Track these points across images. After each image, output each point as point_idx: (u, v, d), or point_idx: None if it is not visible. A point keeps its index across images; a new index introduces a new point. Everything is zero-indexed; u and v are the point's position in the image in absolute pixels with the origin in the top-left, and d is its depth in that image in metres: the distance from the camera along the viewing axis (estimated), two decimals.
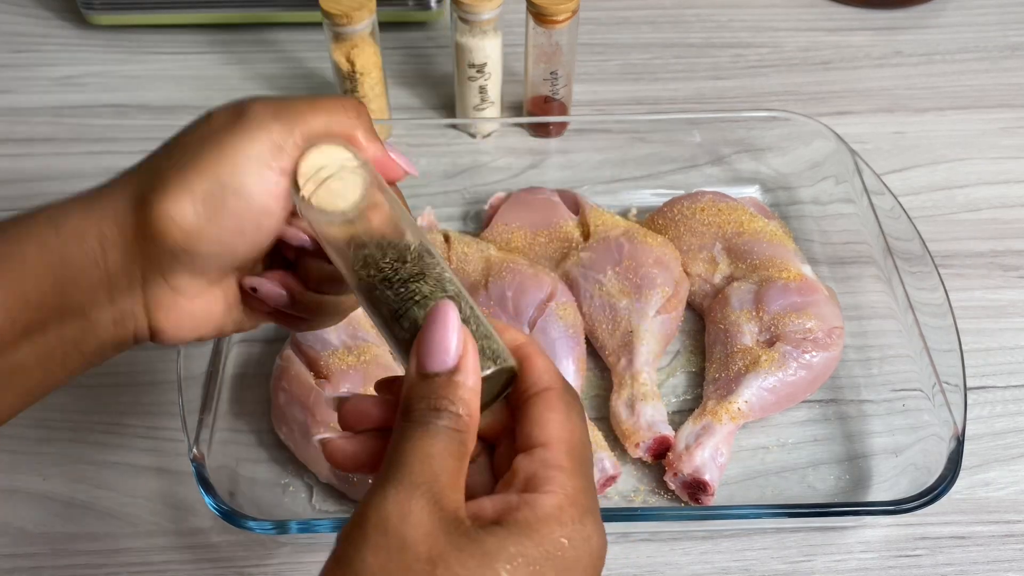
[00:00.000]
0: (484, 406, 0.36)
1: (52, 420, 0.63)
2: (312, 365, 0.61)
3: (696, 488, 0.57)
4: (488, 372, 0.35)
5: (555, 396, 0.36)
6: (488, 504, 0.33)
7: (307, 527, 0.52)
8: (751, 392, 0.59)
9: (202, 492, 0.52)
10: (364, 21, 0.72)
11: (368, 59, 0.74)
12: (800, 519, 0.56)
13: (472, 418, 0.34)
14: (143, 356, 0.66)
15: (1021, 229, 0.74)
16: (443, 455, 0.33)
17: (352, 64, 0.74)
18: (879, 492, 0.58)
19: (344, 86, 0.76)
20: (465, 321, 0.35)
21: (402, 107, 0.85)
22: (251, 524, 0.51)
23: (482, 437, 0.37)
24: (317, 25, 0.88)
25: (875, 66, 0.88)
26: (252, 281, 0.41)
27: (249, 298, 0.43)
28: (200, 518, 0.58)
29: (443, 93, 0.85)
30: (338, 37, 0.73)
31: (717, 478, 0.57)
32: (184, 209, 0.37)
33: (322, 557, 0.33)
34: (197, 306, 0.41)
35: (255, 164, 0.37)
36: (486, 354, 0.36)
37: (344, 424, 0.38)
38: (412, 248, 0.38)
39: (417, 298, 0.36)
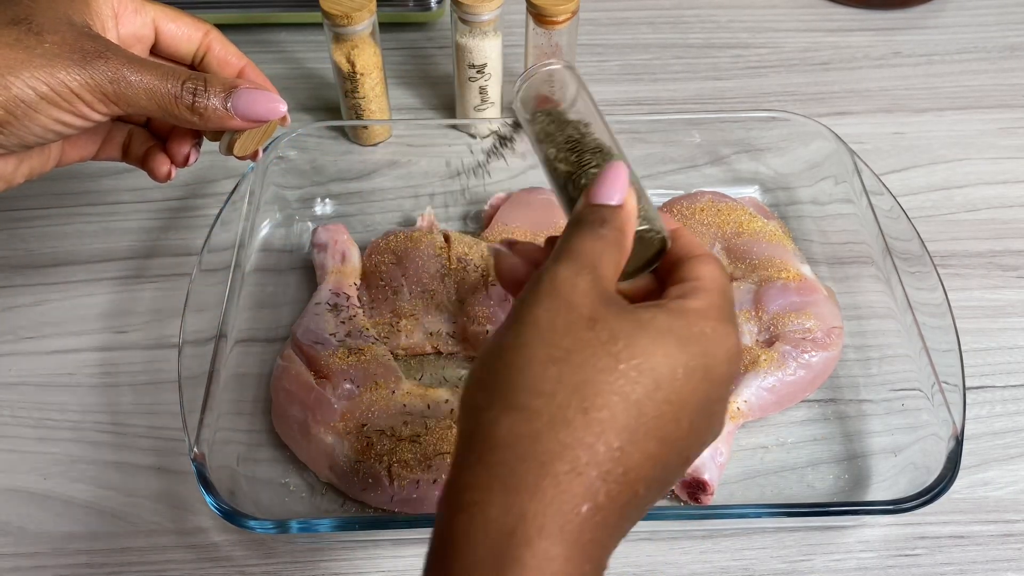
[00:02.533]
0: (634, 272, 0.42)
1: (52, 420, 0.63)
2: (312, 364, 0.61)
3: (695, 487, 0.57)
4: (643, 228, 0.41)
5: (710, 259, 0.41)
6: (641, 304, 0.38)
7: (307, 526, 0.52)
8: (750, 392, 0.59)
9: (203, 491, 0.52)
10: (364, 22, 0.72)
11: (368, 59, 0.74)
12: (799, 518, 0.57)
13: (628, 238, 0.40)
14: (143, 356, 0.66)
15: (1020, 229, 0.74)
16: (604, 253, 0.38)
17: (352, 64, 0.74)
18: (878, 491, 0.58)
19: (344, 86, 0.76)
20: (633, 185, 0.41)
21: (402, 107, 0.85)
22: (251, 523, 0.51)
23: (629, 299, 0.40)
24: (317, 26, 0.88)
25: (874, 67, 0.88)
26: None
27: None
28: (201, 517, 0.58)
29: (443, 93, 0.85)
30: (338, 38, 0.73)
31: (716, 477, 0.57)
32: None
33: (323, 556, 0.33)
34: None
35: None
36: (646, 217, 0.41)
37: (502, 277, 0.44)
38: (595, 133, 0.46)
39: (593, 165, 0.43)
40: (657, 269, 0.43)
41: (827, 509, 0.55)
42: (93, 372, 0.65)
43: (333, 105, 0.84)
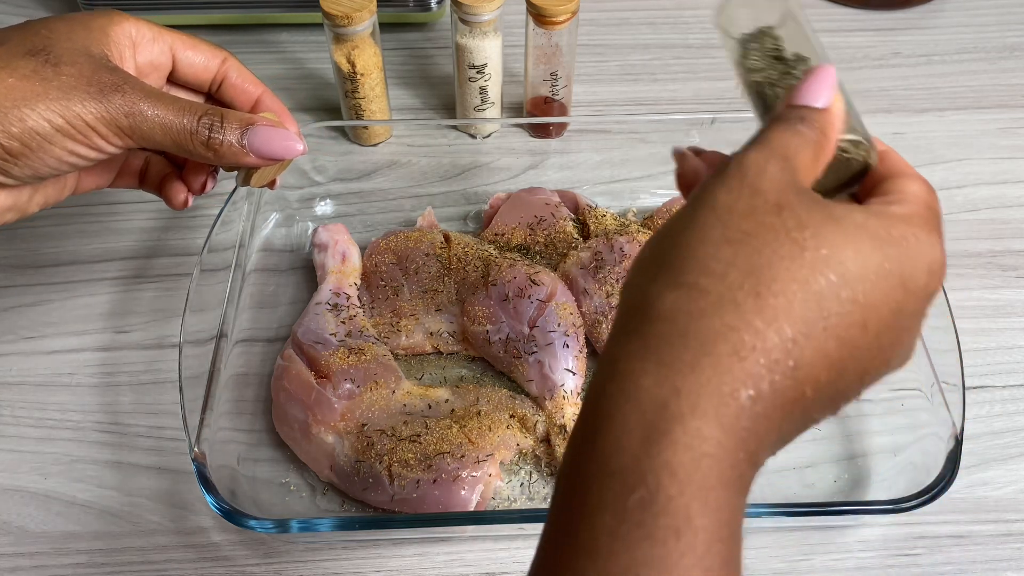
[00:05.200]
0: (833, 189, 0.38)
1: (52, 420, 0.63)
2: (313, 364, 0.61)
3: None
4: (849, 139, 0.37)
5: (919, 178, 0.37)
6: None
7: (308, 526, 0.52)
8: None
9: (203, 491, 0.52)
10: (365, 22, 0.72)
11: (369, 60, 0.74)
12: (798, 518, 0.57)
13: (831, 141, 0.37)
14: (143, 356, 0.66)
15: (1020, 229, 0.74)
16: (802, 147, 0.35)
17: (353, 65, 0.74)
18: (878, 491, 0.58)
19: (345, 87, 0.76)
20: (842, 93, 0.38)
21: (402, 107, 0.85)
22: (252, 523, 0.51)
23: None
24: (318, 26, 0.88)
25: (874, 67, 0.89)
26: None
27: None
28: (201, 517, 0.58)
29: (443, 93, 0.85)
30: (339, 38, 0.73)
31: None
32: None
33: (323, 556, 0.33)
34: None
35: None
36: (855, 129, 0.38)
37: (681, 183, 0.42)
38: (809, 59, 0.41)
39: (799, 72, 0.40)
40: (859, 191, 0.39)
41: (827, 509, 0.55)
42: (93, 372, 0.66)
43: (333, 105, 0.84)
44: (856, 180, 0.39)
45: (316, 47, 0.89)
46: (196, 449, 0.53)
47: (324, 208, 0.75)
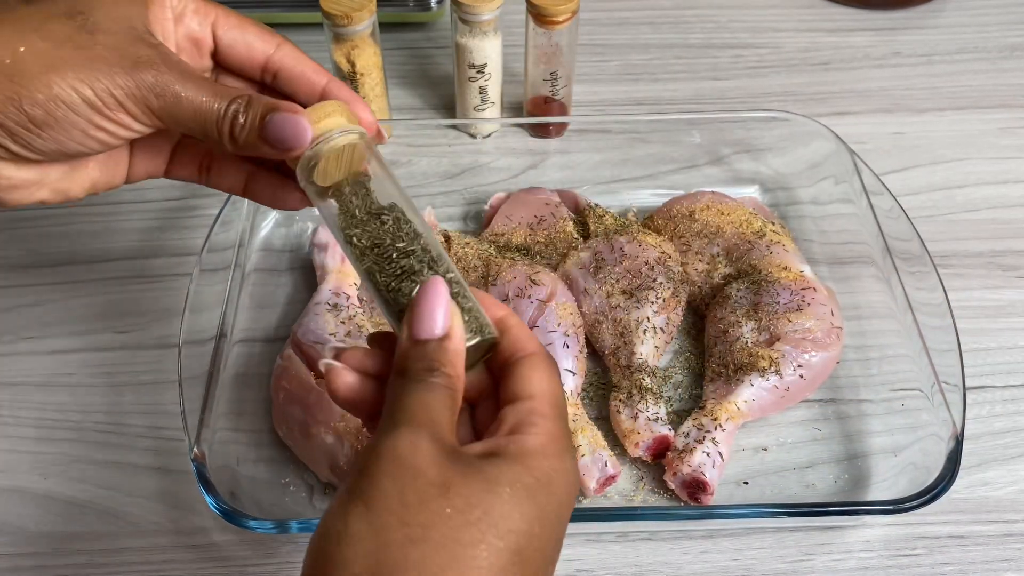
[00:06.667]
0: (468, 368, 0.40)
1: (52, 420, 0.63)
2: (312, 365, 0.61)
3: (695, 487, 0.57)
4: (473, 342, 0.39)
5: (538, 359, 0.40)
6: (479, 445, 0.37)
7: (308, 526, 0.52)
8: (750, 392, 0.59)
9: (203, 491, 0.52)
10: (364, 22, 0.72)
11: (368, 59, 0.74)
12: (799, 518, 0.57)
13: (459, 378, 0.38)
14: (143, 356, 0.66)
15: (1020, 229, 0.74)
16: (439, 405, 0.37)
17: (352, 64, 0.74)
18: (878, 491, 0.58)
19: None
20: (453, 296, 0.39)
21: (402, 107, 0.85)
22: (252, 523, 0.51)
23: (464, 398, 0.40)
24: (318, 26, 0.88)
25: (874, 67, 0.88)
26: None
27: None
28: (201, 517, 0.58)
29: (443, 93, 0.85)
30: (338, 38, 0.73)
31: (716, 477, 0.57)
32: None
33: None
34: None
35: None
36: (471, 326, 0.40)
37: (335, 396, 0.41)
38: (404, 225, 0.41)
39: (408, 273, 0.40)
40: (489, 362, 0.41)
41: (827, 509, 0.55)
42: (93, 372, 0.65)
43: None
44: (486, 355, 0.41)
45: (316, 47, 0.88)
46: (196, 449, 0.53)
47: None
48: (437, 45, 0.90)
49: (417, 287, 0.39)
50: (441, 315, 0.38)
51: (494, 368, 0.41)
